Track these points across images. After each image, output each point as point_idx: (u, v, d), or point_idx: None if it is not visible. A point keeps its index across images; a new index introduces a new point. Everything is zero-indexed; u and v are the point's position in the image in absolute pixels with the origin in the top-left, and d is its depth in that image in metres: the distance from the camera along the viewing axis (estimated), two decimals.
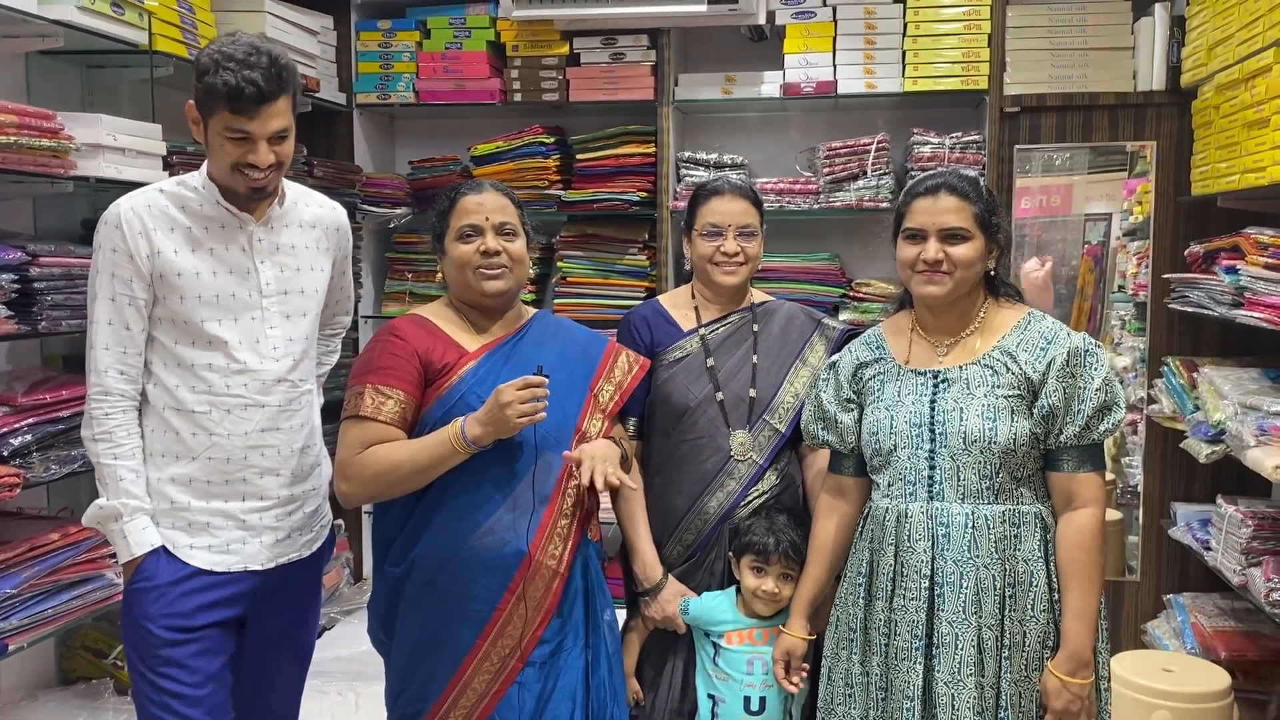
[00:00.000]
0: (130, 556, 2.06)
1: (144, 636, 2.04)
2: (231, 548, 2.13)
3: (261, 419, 2.13)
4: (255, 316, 2.14)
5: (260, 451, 2.14)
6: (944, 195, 2.05)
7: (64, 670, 3.08)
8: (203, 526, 2.11)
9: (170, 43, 2.91)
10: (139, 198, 2.09)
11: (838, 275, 3.81)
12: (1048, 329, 2.05)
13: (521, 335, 2.21)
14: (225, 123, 2.01)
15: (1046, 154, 3.71)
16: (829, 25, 3.71)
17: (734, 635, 2.29)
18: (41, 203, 2.90)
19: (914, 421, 2.05)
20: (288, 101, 2.07)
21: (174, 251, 2.07)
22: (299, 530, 2.23)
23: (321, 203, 2.31)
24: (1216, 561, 3.04)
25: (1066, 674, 1.95)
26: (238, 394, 2.11)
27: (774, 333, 2.44)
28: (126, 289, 2.05)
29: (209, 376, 2.09)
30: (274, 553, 2.17)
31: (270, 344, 2.15)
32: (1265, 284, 2.70)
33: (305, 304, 2.22)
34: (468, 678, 2.06)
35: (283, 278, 2.18)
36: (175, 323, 2.09)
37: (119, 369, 2.06)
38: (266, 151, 2.04)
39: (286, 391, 2.17)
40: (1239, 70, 2.92)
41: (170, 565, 2.07)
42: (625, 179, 3.81)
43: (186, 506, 2.10)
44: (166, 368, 2.09)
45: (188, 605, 2.06)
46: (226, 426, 2.10)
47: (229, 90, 1.97)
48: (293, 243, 2.21)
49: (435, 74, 3.92)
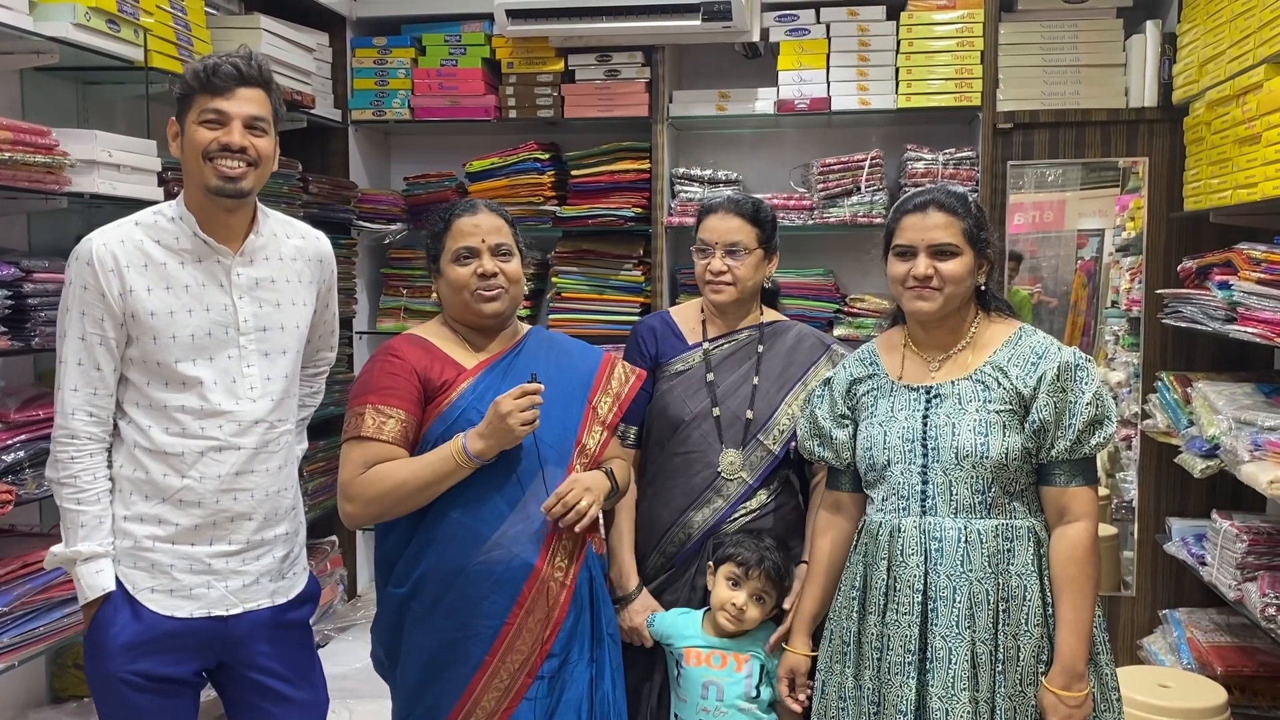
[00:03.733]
0: (84, 600, 2.01)
1: (106, 686, 2.01)
2: (195, 592, 2.04)
3: (236, 461, 2.05)
4: (232, 355, 2.06)
5: (233, 495, 2.06)
6: (932, 212, 2.06)
7: (55, 688, 3.06)
8: (165, 569, 2.02)
9: (166, 59, 2.92)
10: (112, 233, 2.02)
11: (832, 290, 3.82)
12: (1039, 344, 2.06)
13: (518, 351, 2.22)
14: (200, 107, 1.99)
15: (1039, 170, 3.72)
16: (822, 43, 3.73)
17: (693, 655, 2.28)
18: (36, 219, 2.90)
19: (907, 437, 2.06)
20: (265, 96, 2.05)
21: (147, 290, 2.00)
22: (267, 576, 2.12)
23: (304, 233, 2.24)
24: (1212, 576, 3.04)
25: (1061, 688, 1.95)
26: (212, 436, 2.03)
27: (779, 354, 2.43)
28: (97, 328, 1.98)
29: (182, 418, 2.02)
30: (239, 598, 2.08)
31: (247, 384, 2.07)
32: (1258, 299, 2.71)
33: (285, 341, 2.14)
34: (477, 695, 2.06)
35: (262, 314, 2.10)
36: (147, 364, 2.01)
37: (88, 411, 1.99)
38: (241, 133, 2.00)
39: (264, 433, 2.09)
40: (1230, 87, 2.94)
41: (126, 614, 2.00)
42: (620, 195, 3.82)
43: (150, 548, 2.02)
44: (139, 408, 2.03)
45: (144, 659, 2.00)
46: (200, 469, 2.02)
47: (205, 70, 1.98)
48: (272, 276, 2.13)
49: (430, 90, 3.94)
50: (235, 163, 2.00)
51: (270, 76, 2.07)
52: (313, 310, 2.23)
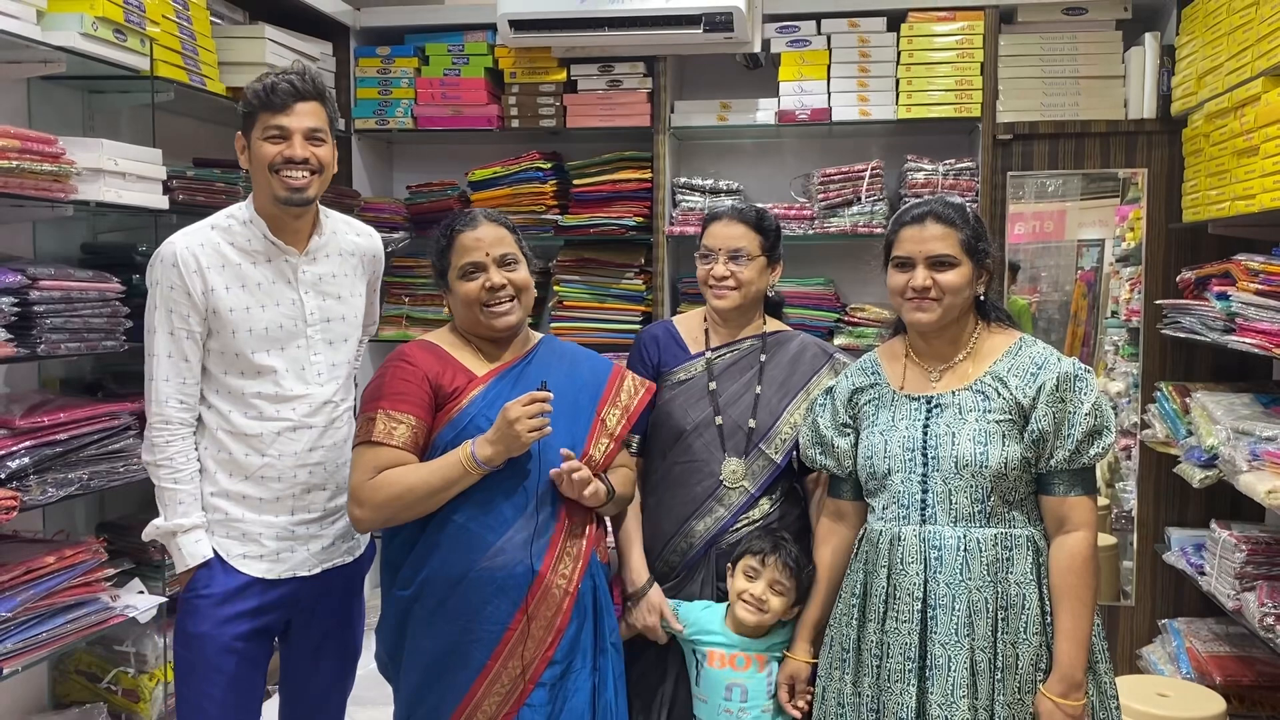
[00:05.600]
0: (185, 567, 2.21)
1: (192, 646, 2.20)
2: (281, 556, 2.25)
3: (309, 439, 2.27)
4: (300, 345, 2.27)
5: (308, 469, 2.27)
6: (930, 223, 2.08)
7: (57, 694, 3.06)
8: (254, 537, 2.23)
9: (171, 69, 2.94)
10: (193, 236, 2.20)
11: (832, 300, 3.84)
12: (1038, 354, 2.07)
13: (529, 360, 2.24)
14: (264, 124, 2.18)
15: (1039, 180, 3.74)
16: (823, 53, 3.75)
17: (716, 656, 2.28)
18: (42, 226, 2.91)
19: (907, 446, 2.07)
20: (321, 108, 2.24)
21: (225, 288, 2.19)
22: (341, 539, 2.34)
23: (359, 230, 2.45)
24: (1211, 586, 3.05)
25: (1059, 696, 1.95)
26: (287, 418, 2.24)
27: (782, 363, 2.44)
28: (184, 323, 2.18)
29: (259, 403, 2.23)
30: (319, 559, 2.30)
31: (315, 370, 2.29)
32: (1256, 310, 2.72)
33: (346, 330, 2.36)
34: (478, 699, 2.07)
35: (325, 306, 2.31)
36: (225, 355, 2.21)
37: (179, 399, 2.19)
38: (302, 145, 2.18)
39: (330, 412, 2.30)
40: (1228, 99, 2.95)
41: (222, 575, 2.21)
42: (622, 204, 3.84)
43: (240, 519, 2.23)
44: (219, 395, 2.23)
45: (235, 618, 2.20)
46: (278, 447, 2.24)
47: (266, 89, 2.17)
48: (333, 272, 2.34)
49: (433, 100, 3.96)
50: (299, 173, 2.19)
51: (324, 88, 2.26)
52: (364, 299, 2.44)
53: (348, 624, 2.43)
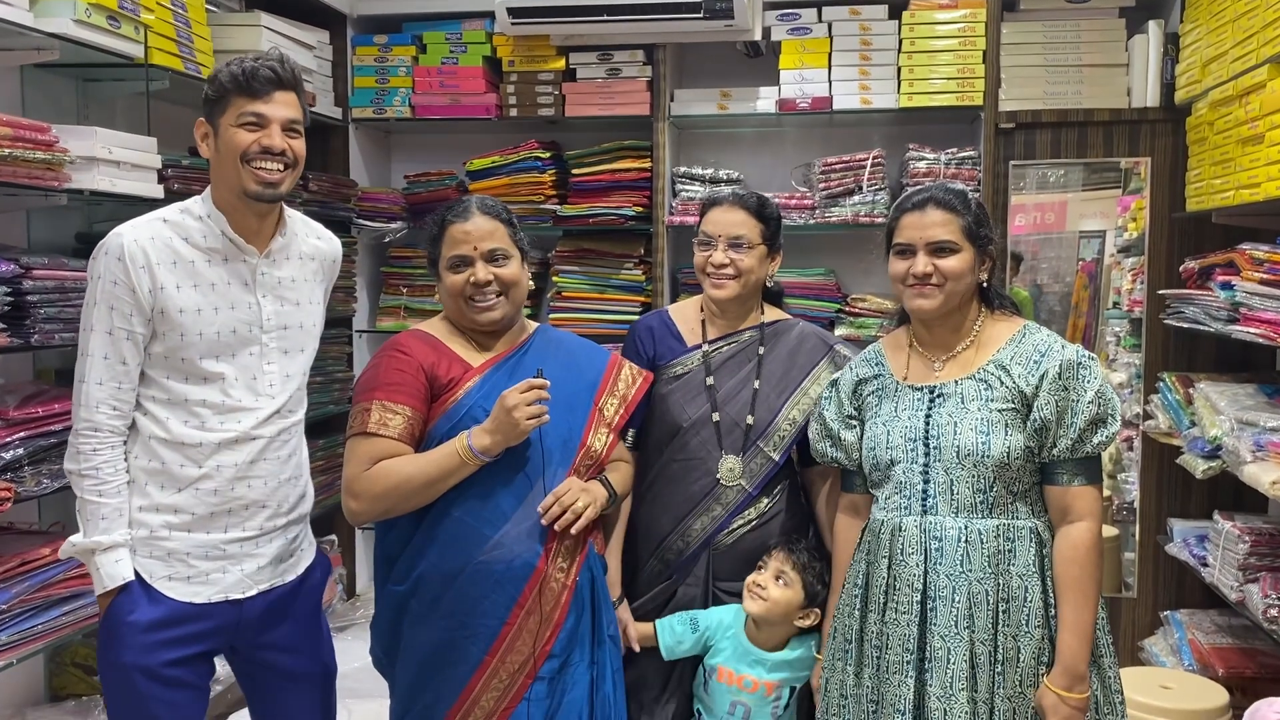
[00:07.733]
0: (103, 589, 2.02)
1: (118, 676, 2.01)
2: (211, 578, 2.07)
3: (251, 451, 2.09)
4: (254, 352, 2.11)
5: (248, 483, 2.09)
6: (931, 209, 2.06)
7: (53, 687, 3.05)
8: (181, 557, 2.05)
9: (166, 56, 2.91)
10: (142, 229, 2.02)
11: (834, 290, 3.82)
12: (1042, 341, 2.05)
13: (525, 350, 2.22)
14: (238, 110, 2.01)
15: (1041, 170, 3.71)
16: (824, 41, 3.72)
17: (725, 673, 2.27)
18: (35, 215, 2.89)
19: (909, 436, 2.05)
20: (297, 99, 2.08)
21: (176, 287, 2.02)
22: (278, 559, 2.17)
23: (320, 234, 2.30)
24: (1213, 578, 3.03)
25: (1063, 689, 1.94)
26: (230, 429, 2.07)
27: (780, 356, 2.39)
28: (125, 323, 1.99)
29: (202, 412, 2.05)
30: (254, 580, 2.12)
31: (267, 380, 2.12)
32: (1261, 299, 2.70)
33: (303, 339, 2.20)
34: (476, 695, 2.05)
35: (283, 312, 2.15)
36: (170, 359, 2.04)
37: (112, 404, 2.00)
38: (280, 136, 2.03)
39: (278, 424, 2.14)
40: (1233, 87, 2.93)
41: (145, 601, 2.02)
42: (621, 194, 3.82)
43: (166, 537, 2.04)
44: (156, 401, 2.05)
45: (163, 645, 2.01)
46: (217, 459, 2.06)
47: (243, 73, 2.00)
48: (292, 276, 2.18)
49: (431, 89, 3.93)
50: (274, 165, 2.04)
51: (300, 79, 2.11)
52: (322, 307, 2.28)
53: (310, 644, 2.25)
